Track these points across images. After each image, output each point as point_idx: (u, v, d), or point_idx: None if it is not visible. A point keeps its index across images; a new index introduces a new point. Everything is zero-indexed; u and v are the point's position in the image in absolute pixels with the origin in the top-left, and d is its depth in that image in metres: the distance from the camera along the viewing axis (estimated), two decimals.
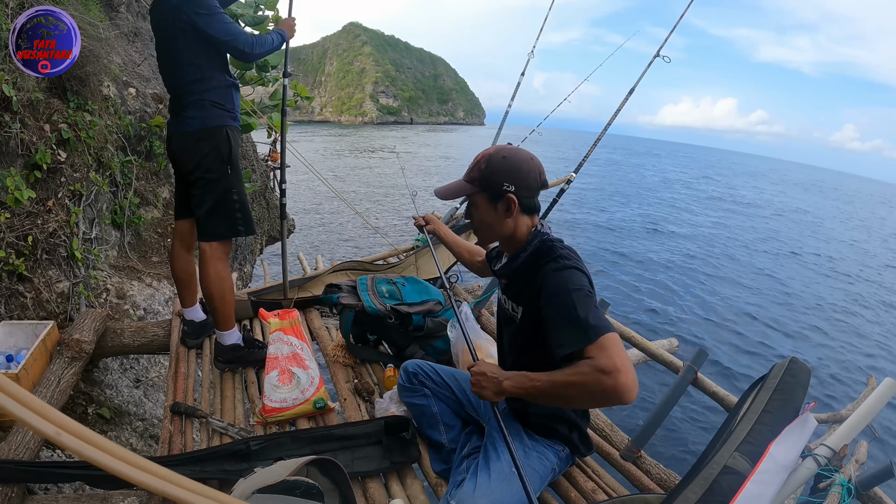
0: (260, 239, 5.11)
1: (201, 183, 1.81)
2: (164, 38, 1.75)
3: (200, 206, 1.82)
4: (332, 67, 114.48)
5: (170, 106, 1.87)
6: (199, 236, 1.88)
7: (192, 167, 1.81)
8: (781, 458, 0.92)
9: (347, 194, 14.35)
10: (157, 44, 1.81)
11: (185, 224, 1.98)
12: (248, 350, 2.00)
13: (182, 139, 1.80)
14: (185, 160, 1.83)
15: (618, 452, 1.64)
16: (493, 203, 1.21)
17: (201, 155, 1.78)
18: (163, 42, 1.77)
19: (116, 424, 2.18)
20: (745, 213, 21.27)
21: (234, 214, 1.86)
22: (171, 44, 1.73)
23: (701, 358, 1.73)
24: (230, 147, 1.81)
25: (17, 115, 2.16)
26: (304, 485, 1.05)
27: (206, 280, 1.87)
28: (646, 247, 12.14)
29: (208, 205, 1.82)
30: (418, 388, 1.56)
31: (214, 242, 1.86)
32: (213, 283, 1.87)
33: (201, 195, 1.82)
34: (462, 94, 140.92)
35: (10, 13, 2.16)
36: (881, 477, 1.50)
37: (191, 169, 1.82)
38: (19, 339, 1.97)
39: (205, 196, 1.81)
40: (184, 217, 1.97)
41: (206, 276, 1.87)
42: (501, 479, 1.19)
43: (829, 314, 8.76)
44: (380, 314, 1.98)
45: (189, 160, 1.81)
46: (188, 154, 1.81)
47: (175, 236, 2.01)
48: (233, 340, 1.97)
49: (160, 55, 1.81)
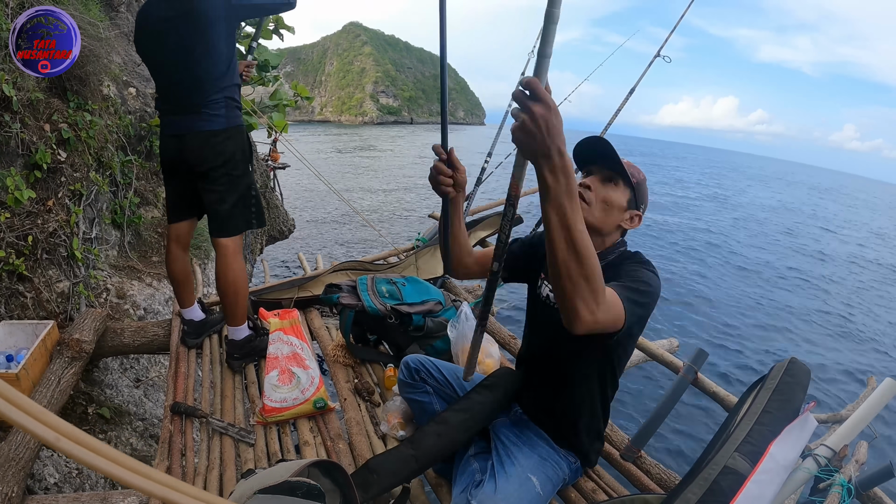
0: (260, 239, 5.11)
1: (224, 180, 1.81)
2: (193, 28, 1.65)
3: (222, 203, 1.83)
4: (333, 67, 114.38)
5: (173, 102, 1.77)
6: (218, 233, 1.86)
7: (216, 164, 1.79)
8: (781, 459, 0.92)
9: (346, 193, 14.36)
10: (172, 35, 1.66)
11: (184, 225, 1.97)
12: (259, 339, 2.03)
13: (205, 137, 1.75)
14: (206, 158, 1.78)
15: (618, 452, 1.64)
16: (627, 204, 1.19)
17: (228, 153, 1.80)
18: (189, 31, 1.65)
19: (116, 424, 2.18)
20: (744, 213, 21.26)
21: (251, 209, 1.91)
22: (205, 34, 1.65)
23: (701, 358, 1.73)
24: (250, 144, 1.89)
25: (17, 114, 2.16)
26: (305, 485, 1.05)
27: (228, 275, 1.87)
28: (646, 246, 12.15)
29: (231, 201, 1.83)
30: (420, 385, 1.54)
31: (235, 237, 1.88)
32: (238, 278, 1.88)
33: (224, 192, 1.82)
34: (462, 93, 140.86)
35: (10, 13, 2.16)
36: (881, 477, 1.50)
37: (213, 166, 1.79)
38: (19, 338, 1.97)
39: (227, 193, 1.83)
40: (184, 219, 1.96)
41: (228, 271, 1.87)
42: (520, 483, 1.19)
43: (829, 314, 8.76)
44: (380, 314, 1.98)
45: (213, 158, 1.78)
46: (213, 152, 1.78)
47: (172, 238, 1.98)
48: (245, 333, 1.99)
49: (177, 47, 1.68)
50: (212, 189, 1.82)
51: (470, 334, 1.89)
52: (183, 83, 1.73)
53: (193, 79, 1.71)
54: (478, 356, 1.26)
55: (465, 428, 1.35)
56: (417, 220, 12.38)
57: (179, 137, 1.78)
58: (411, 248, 3.11)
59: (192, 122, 1.75)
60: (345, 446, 1.61)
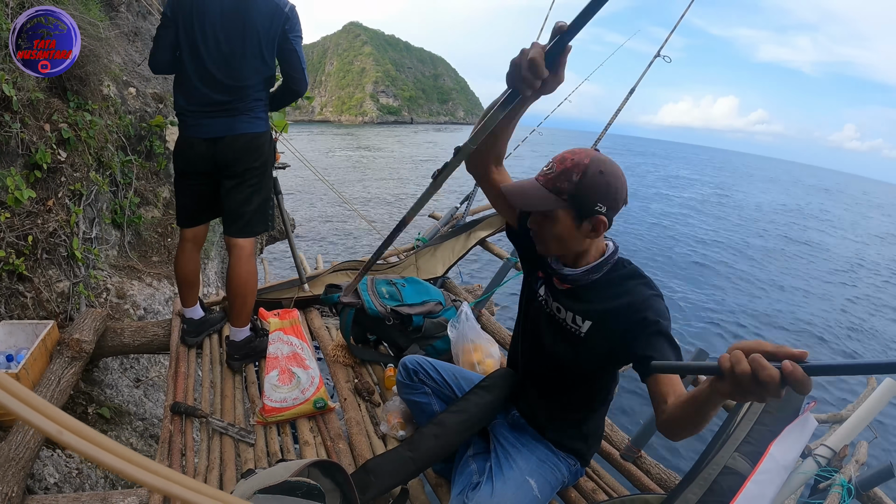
0: (260, 239, 5.12)
1: (256, 181, 1.86)
2: (257, 33, 1.68)
3: (249, 204, 1.86)
4: (333, 67, 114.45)
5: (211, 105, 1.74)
6: (239, 233, 1.87)
7: (255, 165, 1.83)
8: (781, 459, 0.92)
9: (347, 193, 14.37)
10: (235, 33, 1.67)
11: (201, 229, 1.99)
12: (259, 339, 2.04)
13: (249, 139, 1.80)
14: (245, 159, 1.81)
15: (618, 452, 1.64)
16: (579, 221, 1.06)
17: (265, 156, 1.86)
18: (252, 34, 1.68)
19: (116, 424, 2.18)
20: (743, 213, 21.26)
21: (270, 212, 1.97)
22: (267, 42, 1.71)
23: (701, 358, 1.73)
24: (274, 150, 1.98)
25: (17, 114, 2.16)
26: (305, 485, 1.05)
27: (242, 275, 1.88)
28: (645, 246, 12.15)
29: (257, 203, 1.88)
30: (418, 386, 1.54)
31: (252, 239, 1.91)
32: (250, 279, 1.90)
33: (252, 193, 1.86)
34: (462, 93, 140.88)
35: (10, 13, 2.16)
36: (881, 477, 1.50)
37: (251, 167, 1.82)
38: (19, 338, 1.97)
39: (256, 194, 1.87)
40: (202, 222, 1.98)
41: (242, 272, 1.88)
42: (517, 486, 1.19)
43: (830, 314, 8.76)
44: (380, 316, 1.98)
45: (253, 159, 1.82)
46: (255, 154, 1.82)
47: (188, 239, 1.97)
48: (246, 333, 2.00)
49: (235, 45, 1.68)
50: (242, 190, 1.84)
51: (470, 334, 1.89)
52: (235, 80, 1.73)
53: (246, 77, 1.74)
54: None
55: (462, 429, 1.35)
56: (417, 220, 12.36)
57: (215, 140, 1.77)
58: (411, 248, 3.11)
59: (231, 125, 1.77)
60: (345, 446, 1.61)
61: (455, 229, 3.03)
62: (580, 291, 1.17)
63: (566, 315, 1.19)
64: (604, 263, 1.13)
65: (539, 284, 1.29)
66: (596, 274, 1.14)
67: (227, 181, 1.83)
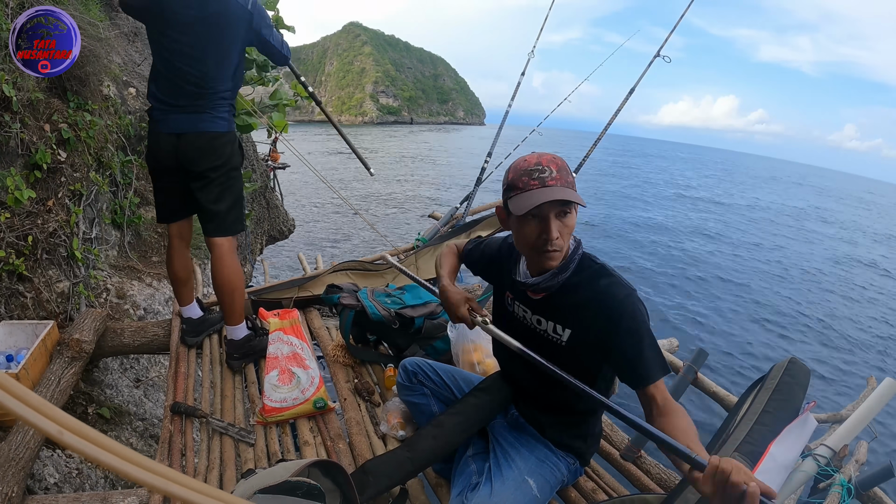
0: (260, 239, 5.11)
1: (222, 181, 1.86)
2: (219, 33, 1.70)
3: (219, 202, 1.86)
4: (332, 67, 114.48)
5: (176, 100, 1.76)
6: (215, 232, 1.89)
7: (216, 165, 1.83)
8: (781, 458, 0.92)
9: (346, 193, 14.37)
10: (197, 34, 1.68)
11: (184, 224, 1.99)
12: (258, 338, 2.05)
13: (208, 138, 1.80)
14: (205, 158, 1.81)
15: (618, 452, 1.64)
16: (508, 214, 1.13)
17: (227, 156, 1.85)
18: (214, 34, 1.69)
19: (116, 424, 2.18)
20: (742, 213, 21.26)
21: (243, 211, 1.97)
22: (229, 41, 1.73)
23: (701, 358, 1.73)
24: (242, 150, 1.95)
25: (17, 114, 2.16)
26: (305, 485, 1.05)
27: (225, 274, 1.90)
28: (646, 246, 12.15)
29: (228, 201, 1.88)
30: (417, 388, 1.55)
31: (230, 237, 1.92)
32: (234, 277, 1.92)
33: (220, 192, 1.86)
34: (462, 93, 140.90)
35: (10, 13, 2.16)
36: (881, 477, 1.50)
37: (212, 167, 1.82)
38: (19, 338, 1.97)
39: (225, 193, 1.87)
40: (179, 218, 1.98)
41: (225, 270, 1.90)
42: (516, 486, 1.19)
43: (830, 314, 8.76)
44: (384, 321, 1.98)
45: (213, 159, 1.82)
46: (214, 153, 1.82)
47: (174, 236, 2.00)
48: (244, 332, 2.01)
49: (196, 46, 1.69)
50: (211, 189, 1.84)
51: (470, 334, 1.89)
52: (199, 80, 1.74)
53: (211, 78, 1.75)
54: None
55: (460, 430, 1.35)
56: (417, 220, 12.40)
57: (178, 136, 1.78)
58: (411, 248, 3.11)
59: (195, 122, 1.77)
60: (345, 446, 1.61)
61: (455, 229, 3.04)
62: (555, 298, 1.18)
63: (546, 326, 1.21)
64: (569, 261, 1.13)
65: (511, 304, 1.31)
66: (564, 274, 1.13)
67: (193, 182, 1.85)
